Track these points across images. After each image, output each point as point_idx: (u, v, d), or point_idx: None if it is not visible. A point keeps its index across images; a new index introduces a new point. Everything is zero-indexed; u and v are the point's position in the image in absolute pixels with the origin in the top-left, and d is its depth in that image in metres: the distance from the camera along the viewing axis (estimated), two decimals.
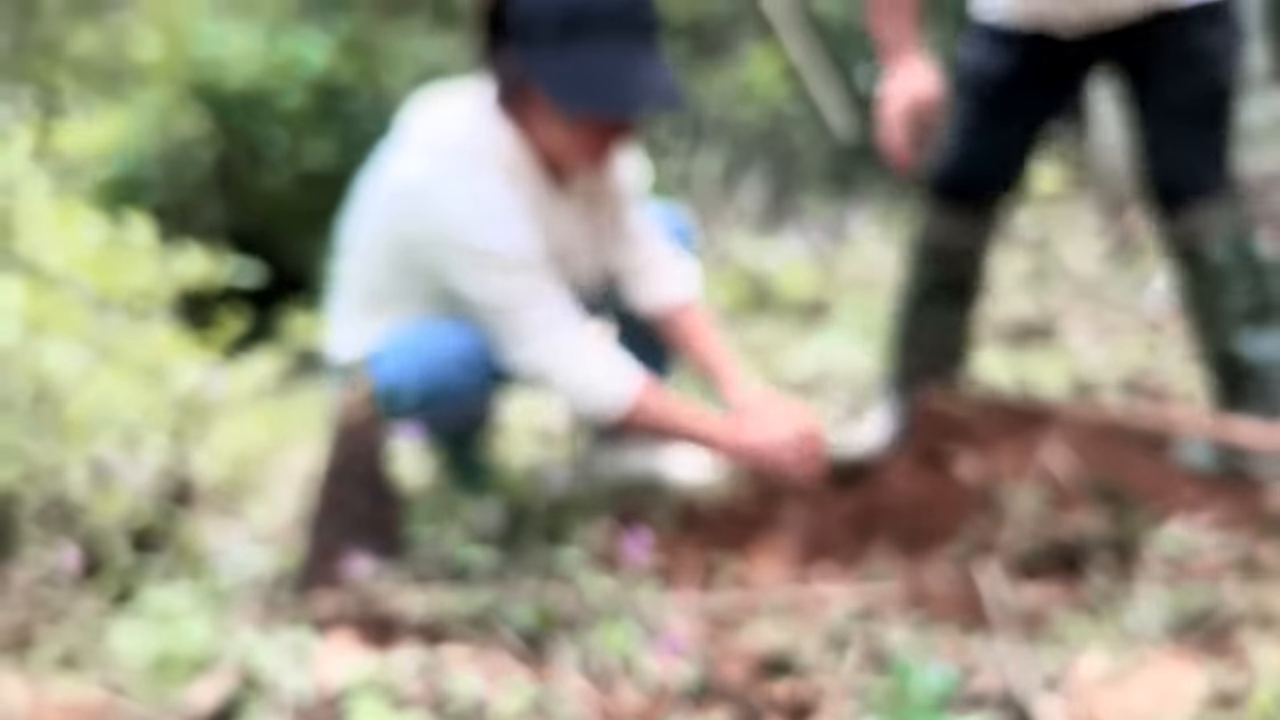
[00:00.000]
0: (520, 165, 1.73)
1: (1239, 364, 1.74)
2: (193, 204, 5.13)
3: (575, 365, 1.68)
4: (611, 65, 1.61)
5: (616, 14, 1.61)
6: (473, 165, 1.68)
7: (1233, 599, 1.26)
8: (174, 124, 5.20)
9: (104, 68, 6.06)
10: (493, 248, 1.65)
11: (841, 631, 1.32)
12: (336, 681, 1.24)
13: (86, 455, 1.94)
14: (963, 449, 1.70)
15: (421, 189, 1.67)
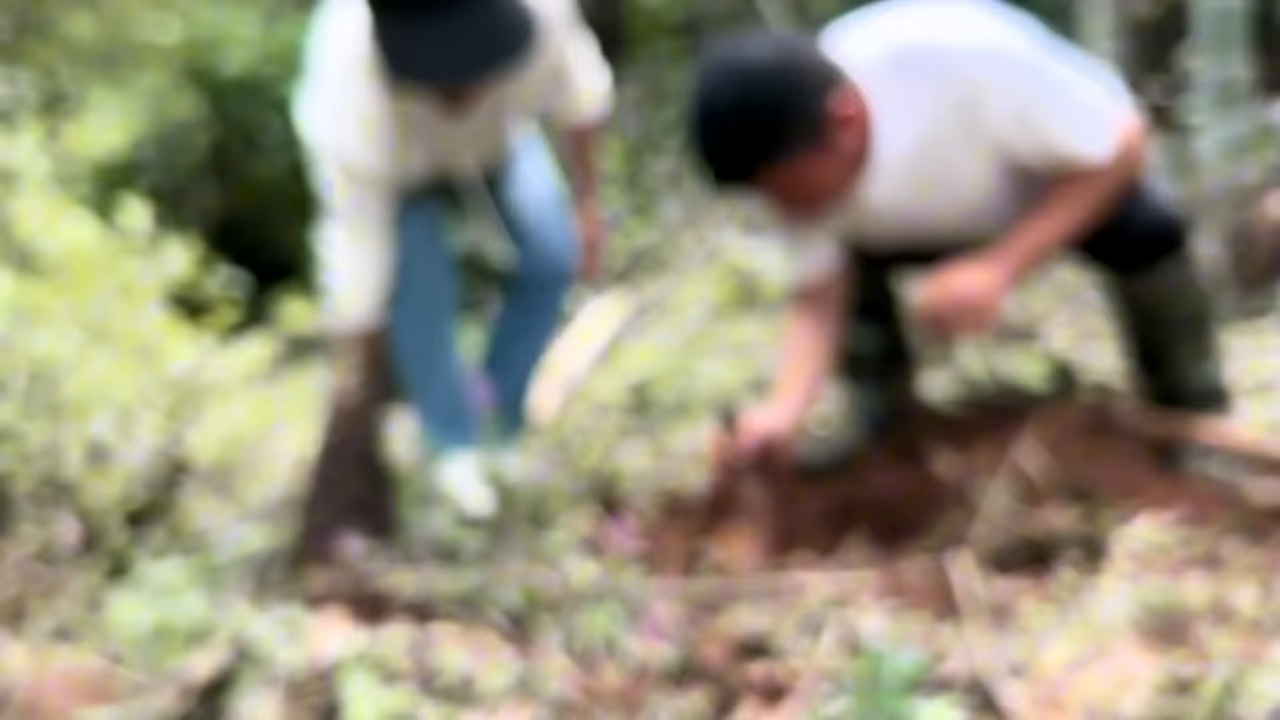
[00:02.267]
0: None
1: (1184, 395, 1.80)
2: (187, 188, 5.14)
3: (343, 275, 1.90)
4: (398, 39, 1.71)
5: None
6: (345, 72, 1.83)
7: (1194, 593, 1.30)
8: (170, 108, 5.21)
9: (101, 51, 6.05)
10: (336, 148, 1.84)
11: (817, 617, 1.36)
12: (328, 656, 1.28)
13: (82, 435, 1.97)
14: (939, 445, 1.75)
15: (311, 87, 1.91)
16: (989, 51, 1.65)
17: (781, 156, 1.63)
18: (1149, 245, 1.72)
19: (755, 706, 1.23)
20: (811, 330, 1.88)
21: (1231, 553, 1.41)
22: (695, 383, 3.11)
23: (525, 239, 2.24)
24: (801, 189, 1.69)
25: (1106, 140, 1.66)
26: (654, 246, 5.33)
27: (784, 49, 1.64)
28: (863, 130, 1.69)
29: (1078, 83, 1.68)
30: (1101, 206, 1.69)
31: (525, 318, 2.30)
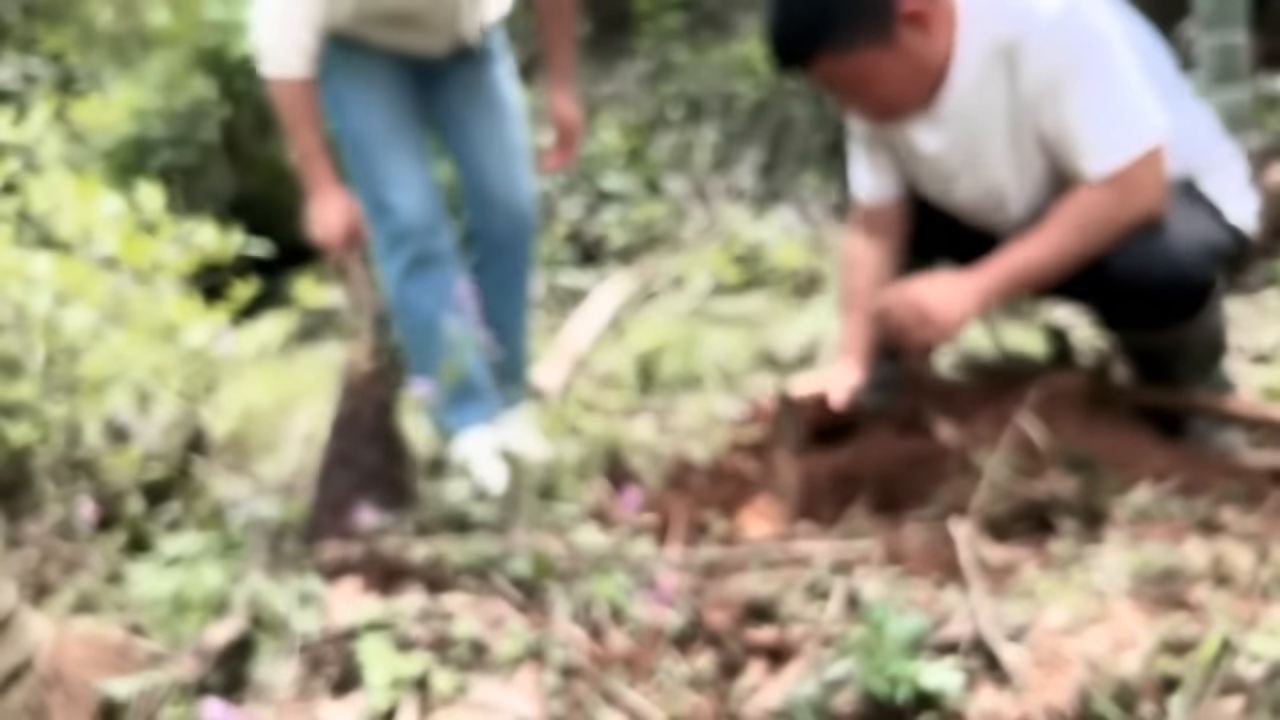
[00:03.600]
0: None
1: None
2: (199, 168, 5.15)
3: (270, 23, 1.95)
4: None
5: None
6: None
7: (1192, 557, 1.32)
8: (180, 89, 5.21)
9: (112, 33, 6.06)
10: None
11: (822, 584, 1.39)
12: (344, 624, 1.31)
13: (100, 412, 2.00)
14: (942, 415, 1.77)
15: None
16: (1062, 13, 1.57)
17: (842, 45, 1.59)
18: (1166, 306, 1.63)
19: (761, 670, 1.26)
20: (872, 253, 1.88)
21: (1229, 518, 1.43)
22: (701, 357, 3.13)
23: (489, 192, 2.25)
24: (862, 86, 1.66)
25: (1117, 159, 1.57)
26: (661, 222, 5.33)
27: None
28: (935, 40, 1.63)
29: (1132, 88, 1.59)
30: (1099, 240, 1.60)
31: (499, 279, 2.30)
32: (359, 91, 2.13)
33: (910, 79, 1.66)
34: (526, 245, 2.34)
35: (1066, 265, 1.62)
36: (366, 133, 2.12)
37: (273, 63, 1.96)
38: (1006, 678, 1.14)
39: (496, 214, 2.27)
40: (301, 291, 3.73)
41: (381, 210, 2.10)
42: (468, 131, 2.28)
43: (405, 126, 2.17)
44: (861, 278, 1.89)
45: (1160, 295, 1.60)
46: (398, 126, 2.15)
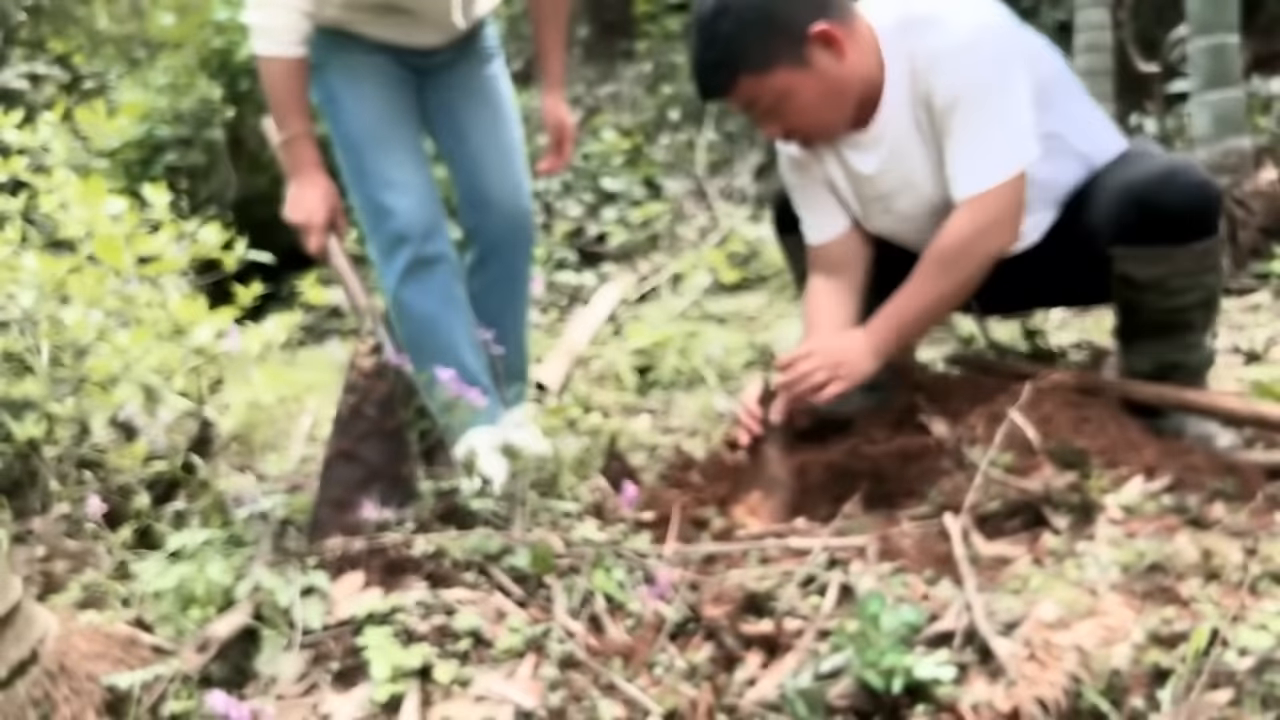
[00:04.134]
0: None
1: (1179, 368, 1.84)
2: (204, 169, 5.18)
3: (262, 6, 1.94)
4: None
5: None
6: None
7: (1182, 552, 1.34)
8: (187, 91, 5.25)
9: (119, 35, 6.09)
10: None
11: (818, 578, 1.40)
12: (347, 617, 1.33)
13: (107, 411, 2.02)
14: (936, 413, 1.79)
15: None
16: (974, 35, 1.68)
17: (759, 67, 1.70)
18: (1188, 220, 1.71)
19: (757, 663, 1.27)
20: (831, 294, 1.94)
21: (1219, 514, 1.45)
22: (699, 355, 3.15)
23: (487, 193, 2.26)
24: (781, 107, 1.75)
25: (981, 185, 1.71)
26: (660, 222, 5.35)
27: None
28: (848, 61, 1.73)
29: (1012, 121, 1.71)
30: (966, 274, 1.75)
31: (497, 279, 2.31)
32: (354, 91, 2.13)
33: (828, 99, 1.76)
34: (525, 246, 2.35)
35: (945, 305, 1.80)
36: (362, 134, 2.12)
37: (264, 40, 1.96)
38: (999, 670, 1.15)
39: (494, 215, 2.27)
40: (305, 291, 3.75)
41: (379, 213, 2.10)
42: (465, 132, 2.28)
43: (401, 127, 2.17)
44: (820, 315, 1.97)
45: (1184, 198, 1.69)
46: (394, 127, 2.15)
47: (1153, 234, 1.72)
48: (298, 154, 2.02)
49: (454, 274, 2.19)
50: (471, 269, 2.33)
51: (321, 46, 2.06)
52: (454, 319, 2.14)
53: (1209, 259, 1.73)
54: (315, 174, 2.03)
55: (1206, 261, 1.73)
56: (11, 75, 3.23)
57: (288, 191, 2.04)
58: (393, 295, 2.13)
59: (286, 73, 1.97)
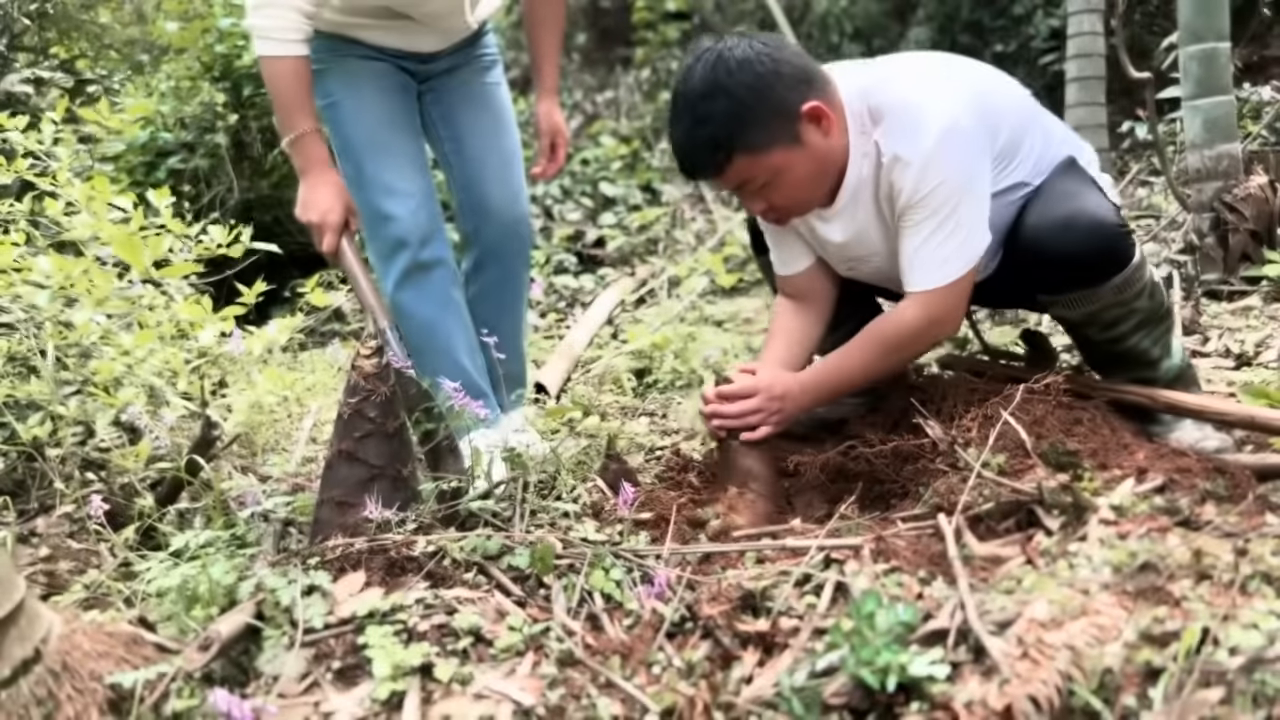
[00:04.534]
0: None
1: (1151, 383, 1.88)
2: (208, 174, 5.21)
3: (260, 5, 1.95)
4: None
5: None
6: None
7: (1173, 553, 1.35)
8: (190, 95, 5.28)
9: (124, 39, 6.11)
10: None
11: (813, 578, 1.42)
12: (349, 616, 1.34)
13: (111, 411, 2.03)
14: (929, 415, 1.80)
15: None
16: (938, 142, 1.69)
17: (757, 147, 1.70)
18: (1091, 265, 1.74)
19: (753, 661, 1.29)
20: (795, 317, 1.99)
21: (1209, 515, 1.46)
22: (696, 358, 3.17)
23: (486, 200, 2.27)
24: (775, 184, 1.76)
25: (931, 284, 1.75)
26: (658, 226, 5.37)
27: (765, 46, 1.71)
28: (833, 138, 1.75)
29: (966, 230, 1.74)
30: (902, 355, 1.82)
31: (495, 284, 2.33)
32: (353, 97, 2.14)
33: (816, 176, 1.79)
34: (522, 252, 2.36)
35: (878, 376, 1.86)
36: (362, 139, 2.13)
37: (265, 42, 1.96)
38: (992, 668, 1.16)
39: (493, 221, 2.29)
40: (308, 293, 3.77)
41: (378, 219, 2.11)
42: (464, 138, 2.30)
43: (401, 132, 2.18)
44: (781, 336, 2.02)
45: (1082, 245, 1.72)
46: (393, 133, 2.16)
47: (1063, 283, 1.77)
48: (307, 152, 2.02)
49: (452, 279, 2.20)
50: (469, 274, 2.34)
51: (321, 52, 2.07)
52: (452, 323, 2.16)
53: (1130, 289, 1.76)
54: (326, 171, 2.03)
55: (1128, 292, 1.76)
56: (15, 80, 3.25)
57: (300, 191, 2.04)
58: (391, 299, 2.14)
59: (290, 72, 1.97)
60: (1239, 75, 5.73)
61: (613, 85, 7.22)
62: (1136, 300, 1.78)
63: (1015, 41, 6.92)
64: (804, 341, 2.01)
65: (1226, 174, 3.27)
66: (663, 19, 7.15)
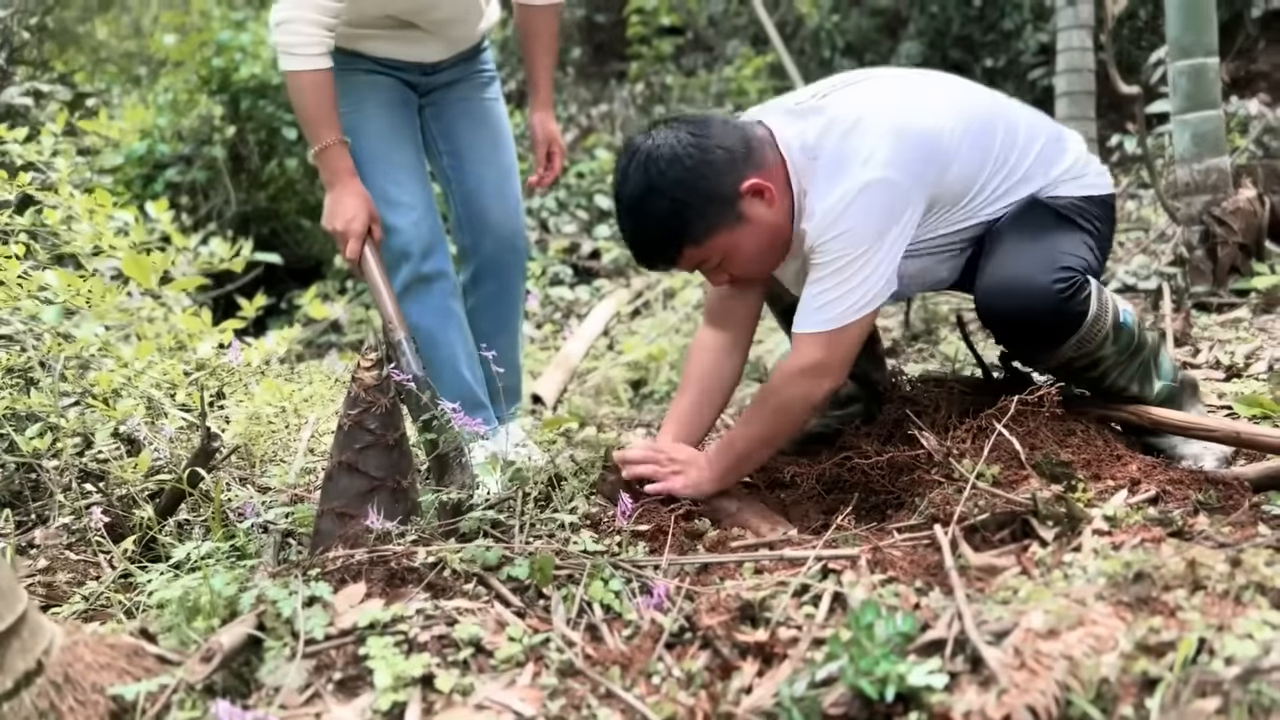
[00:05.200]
0: None
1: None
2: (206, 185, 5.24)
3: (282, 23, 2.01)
4: None
5: None
6: None
7: (1167, 564, 1.37)
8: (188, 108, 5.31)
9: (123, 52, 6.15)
10: None
11: (811, 588, 1.43)
12: (350, 627, 1.35)
13: (111, 423, 2.03)
14: (925, 427, 1.82)
15: None
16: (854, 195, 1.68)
17: (701, 236, 1.73)
18: (1038, 332, 1.74)
19: (752, 671, 1.30)
20: (717, 351, 2.00)
21: (1202, 525, 1.48)
22: None
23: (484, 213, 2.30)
24: (726, 262, 1.79)
25: (810, 328, 1.74)
26: None
27: (692, 136, 1.71)
28: (778, 205, 1.77)
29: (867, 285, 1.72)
30: (796, 411, 1.79)
31: (492, 296, 2.35)
32: (356, 110, 2.18)
33: (768, 244, 1.80)
34: (519, 265, 2.39)
35: (777, 439, 1.84)
36: (366, 154, 2.16)
37: (290, 58, 2.02)
38: (990, 678, 1.17)
39: (490, 234, 2.32)
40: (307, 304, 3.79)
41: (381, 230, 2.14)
42: (463, 153, 2.32)
43: (403, 146, 2.21)
44: (703, 361, 2.01)
45: (1030, 312, 1.71)
46: (396, 146, 2.19)
47: (1019, 345, 1.80)
48: (333, 162, 2.06)
49: (452, 290, 2.22)
50: (467, 286, 2.36)
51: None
52: (453, 335, 2.18)
53: (1090, 342, 1.75)
54: (353, 181, 2.07)
55: (1089, 345, 1.75)
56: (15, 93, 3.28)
57: (326, 201, 2.09)
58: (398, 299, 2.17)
59: (314, 85, 2.02)
60: (1227, 89, 5.79)
61: (607, 99, 7.26)
62: (1100, 350, 1.77)
63: (1005, 56, 6.97)
64: (725, 377, 2.00)
65: (1215, 187, 3.30)
66: (657, 34, 7.19)
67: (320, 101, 2.03)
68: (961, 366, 2.55)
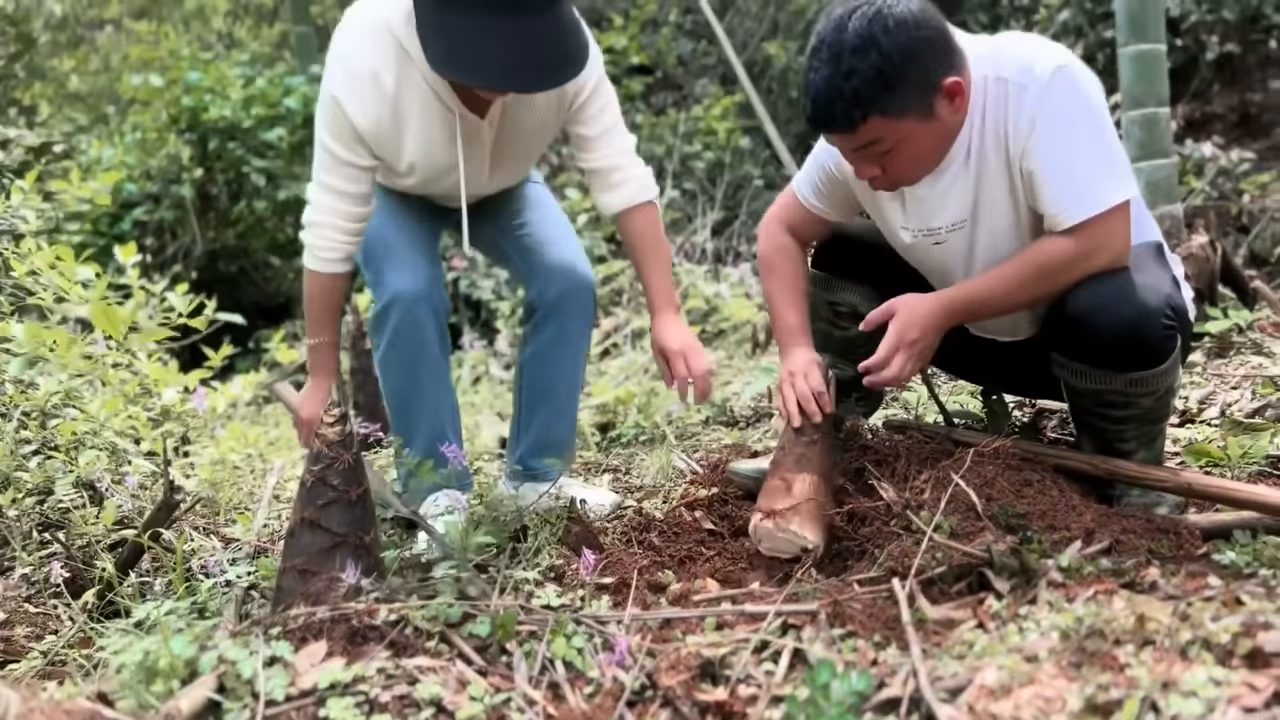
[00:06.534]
0: (431, 80, 1.97)
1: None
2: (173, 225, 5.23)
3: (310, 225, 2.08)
4: (472, 38, 1.76)
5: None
6: (379, 35, 1.94)
7: (1117, 618, 1.40)
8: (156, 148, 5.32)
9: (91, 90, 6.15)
10: (341, 103, 1.94)
11: (770, 644, 1.45)
12: (310, 687, 1.35)
13: (73, 474, 2.02)
14: (885, 477, 1.85)
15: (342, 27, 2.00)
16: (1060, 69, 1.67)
17: (893, 113, 1.66)
18: (1118, 353, 1.72)
19: None
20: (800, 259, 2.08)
21: (1154, 576, 1.51)
22: (659, 412, 3.20)
23: (538, 262, 2.28)
24: (896, 154, 1.72)
25: (1086, 212, 1.66)
26: (622, 279, 5.43)
27: (921, 10, 1.65)
28: (961, 112, 1.72)
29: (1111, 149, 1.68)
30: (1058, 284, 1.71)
31: (553, 343, 2.30)
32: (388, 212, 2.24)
33: (937, 150, 1.75)
34: (584, 312, 2.31)
35: (1024, 302, 1.76)
36: (385, 235, 2.21)
37: (312, 257, 2.10)
38: None
39: (555, 279, 2.26)
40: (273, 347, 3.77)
41: (379, 285, 2.17)
42: (516, 232, 2.33)
43: (423, 238, 2.26)
44: (798, 271, 2.06)
45: (1124, 334, 1.69)
46: (416, 238, 2.24)
47: (1084, 357, 1.75)
48: (321, 360, 2.18)
49: (442, 348, 2.21)
50: (529, 334, 2.32)
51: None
52: (438, 389, 2.19)
53: (1145, 385, 1.73)
54: (326, 381, 2.18)
55: (1142, 388, 1.74)
56: None
57: (305, 386, 2.21)
58: (379, 360, 2.20)
59: (325, 288, 2.12)
60: (1183, 131, 5.93)
61: None
62: (1144, 398, 1.76)
63: None
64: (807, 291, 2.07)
65: (1169, 234, 3.38)
66: (626, 73, 7.27)
67: (327, 305, 2.13)
68: (924, 414, 2.59)
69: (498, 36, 1.75)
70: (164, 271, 4.92)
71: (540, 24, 1.77)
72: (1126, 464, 1.82)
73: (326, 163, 2.03)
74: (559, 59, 1.82)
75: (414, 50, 1.92)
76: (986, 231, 1.83)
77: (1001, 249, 1.82)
